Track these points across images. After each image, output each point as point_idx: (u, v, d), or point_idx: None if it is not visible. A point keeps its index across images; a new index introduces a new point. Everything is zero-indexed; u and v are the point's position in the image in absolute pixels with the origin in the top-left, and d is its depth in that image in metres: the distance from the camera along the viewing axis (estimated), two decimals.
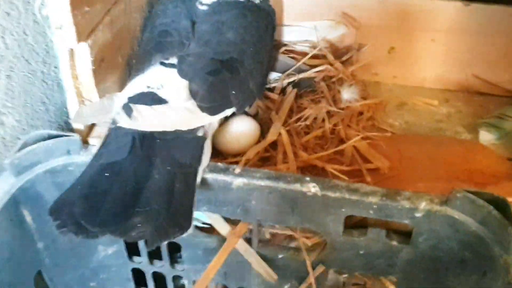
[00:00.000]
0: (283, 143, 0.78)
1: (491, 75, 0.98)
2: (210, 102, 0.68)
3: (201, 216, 0.74)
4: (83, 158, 0.66)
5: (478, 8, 0.91)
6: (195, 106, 0.67)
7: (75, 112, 0.64)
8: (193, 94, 0.68)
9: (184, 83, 0.69)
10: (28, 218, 0.66)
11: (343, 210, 0.64)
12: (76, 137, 0.65)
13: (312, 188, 0.63)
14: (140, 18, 0.79)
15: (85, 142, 0.68)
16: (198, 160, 0.64)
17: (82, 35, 0.59)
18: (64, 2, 0.54)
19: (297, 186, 0.64)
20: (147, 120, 0.63)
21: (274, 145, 0.80)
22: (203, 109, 0.67)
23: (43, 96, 0.73)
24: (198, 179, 0.63)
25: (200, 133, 0.66)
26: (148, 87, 0.68)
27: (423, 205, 0.61)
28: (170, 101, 0.66)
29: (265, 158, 0.78)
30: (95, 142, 0.68)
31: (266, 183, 0.64)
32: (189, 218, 0.58)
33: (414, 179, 0.76)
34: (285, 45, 1.01)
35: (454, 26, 0.94)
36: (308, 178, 0.64)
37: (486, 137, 0.87)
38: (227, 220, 0.72)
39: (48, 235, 0.69)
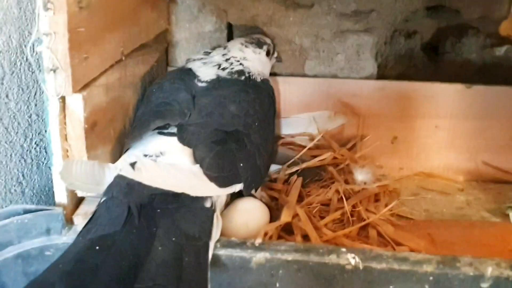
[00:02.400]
0: (299, 225, 0.67)
1: (502, 161, 0.93)
2: (217, 172, 0.60)
3: None
4: (65, 239, 0.54)
5: (480, 90, 0.90)
6: (202, 173, 0.58)
7: (63, 165, 0.53)
8: (198, 161, 0.59)
9: (187, 150, 0.61)
10: None
11: (391, 287, 0.52)
12: (58, 210, 0.54)
13: (351, 259, 0.52)
14: (133, 97, 0.73)
15: (68, 221, 0.56)
16: (208, 233, 0.53)
17: (77, 84, 0.51)
18: (62, 39, 0.47)
19: (332, 259, 0.52)
20: (152, 174, 0.53)
21: (287, 231, 0.69)
22: (211, 178, 0.59)
23: (19, 174, 0.62)
24: (210, 255, 0.51)
25: (207, 204, 0.56)
26: (146, 155, 0.59)
27: (489, 271, 0.50)
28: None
29: None
30: (80, 221, 0.56)
31: (294, 257, 0.52)
32: None
33: None
34: (283, 137, 0.95)
35: (457, 111, 0.92)
36: (344, 249, 0.53)
37: None
38: None
39: None
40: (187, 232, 0.51)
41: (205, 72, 0.76)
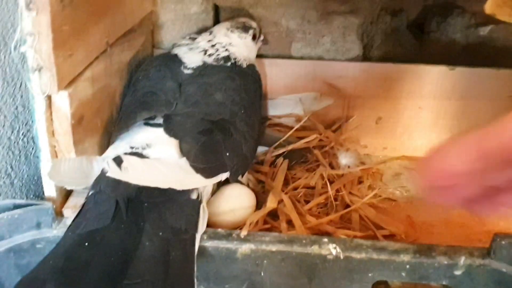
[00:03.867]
0: (284, 211, 0.70)
1: None
2: (204, 163, 0.61)
3: None
4: (56, 232, 0.55)
5: (463, 72, 0.91)
6: (188, 165, 0.59)
7: (51, 165, 0.54)
8: (184, 154, 0.61)
9: (173, 142, 0.62)
10: None
11: (370, 274, 0.54)
12: (48, 205, 0.55)
13: (332, 249, 0.54)
14: (120, 84, 0.73)
15: (58, 214, 0.57)
16: (195, 226, 0.55)
17: (62, 82, 0.52)
18: (46, 39, 0.47)
19: (315, 249, 0.54)
20: (138, 172, 0.54)
21: (273, 216, 0.71)
22: (197, 170, 0.60)
23: (8, 166, 0.63)
24: (196, 247, 0.53)
25: (194, 196, 0.58)
26: (132, 147, 0.60)
27: (462, 259, 0.53)
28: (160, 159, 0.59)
29: (265, 230, 0.69)
30: (70, 214, 0.58)
31: (278, 248, 0.55)
32: None
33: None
34: (269, 119, 0.96)
35: (440, 92, 0.93)
36: (326, 239, 0.55)
37: None
38: None
39: None
40: (173, 225, 0.53)
41: (191, 58, 0.76)
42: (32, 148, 0.67)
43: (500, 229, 0.73)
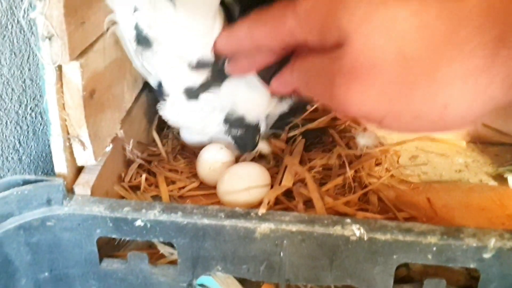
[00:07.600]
0: (301, 191, 0.67)
1: (502, 123, 0.92)
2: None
3: (210, 282, 0.60)
4: (67, 210, 0.53)
5: None
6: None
7: None
8: None
9: None
10: None
11: (395, 257, 0.52)
12: (59, 181, 0.52)
13: (356, 230, 0.52)
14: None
15: (69, 191, 0.55)
16: None
17: (74, 52, 0.49)
18: (57, 5, 0.45)
19: (337, 230, 0.52)
20: None
21: (287, 196, 0.69)
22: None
23: (16, 142, 0.60)
24: None
25: None
26: None
27: (492, 242, 0.50)
28: None
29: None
30: (81, 191, 0.55)
31: (299, 228, 0.52)
32: None
33: None
34: None
35: None
36: (349, 220, 0.53)
37: None
38: (246, 282, 0.58)
39: None
40: None
41: None
42: (40, 124, 0.65)
43: None
